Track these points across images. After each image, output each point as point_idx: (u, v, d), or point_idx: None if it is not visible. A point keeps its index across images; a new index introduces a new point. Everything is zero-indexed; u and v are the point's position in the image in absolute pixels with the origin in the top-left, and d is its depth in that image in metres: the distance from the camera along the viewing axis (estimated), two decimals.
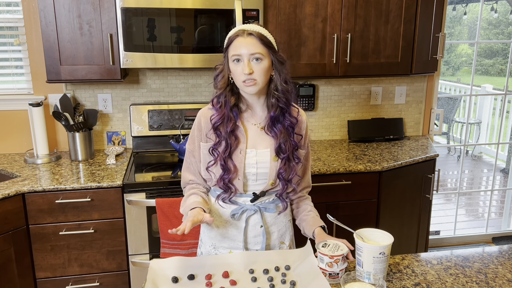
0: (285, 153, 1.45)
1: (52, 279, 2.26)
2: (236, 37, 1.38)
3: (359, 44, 2.59)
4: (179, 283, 1.32)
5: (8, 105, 2.64)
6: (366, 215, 2.52)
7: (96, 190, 2.18)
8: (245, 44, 1.36)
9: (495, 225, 4.00)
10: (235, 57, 1.38)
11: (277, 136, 1.45)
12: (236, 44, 1.38)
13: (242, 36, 1.37)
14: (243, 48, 1.36)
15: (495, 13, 9.90)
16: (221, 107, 1.43)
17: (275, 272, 1.40)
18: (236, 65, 1.39)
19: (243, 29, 1.39)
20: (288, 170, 1.47)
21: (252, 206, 1.50)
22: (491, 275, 1.40)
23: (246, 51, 1.36)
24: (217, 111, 1.44)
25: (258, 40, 1.37)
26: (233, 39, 1.39)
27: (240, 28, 1.40)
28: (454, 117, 6.66)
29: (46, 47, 2.28)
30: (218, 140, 1.44)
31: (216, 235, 1.55)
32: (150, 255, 2.31)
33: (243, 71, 1.37)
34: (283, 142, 1.45)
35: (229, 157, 1.44)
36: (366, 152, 2.74)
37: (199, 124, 1.50)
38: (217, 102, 1.45)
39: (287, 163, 1.47)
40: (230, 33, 1.42)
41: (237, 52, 1.37)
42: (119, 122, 2.78)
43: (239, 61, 1.38)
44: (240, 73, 1.38)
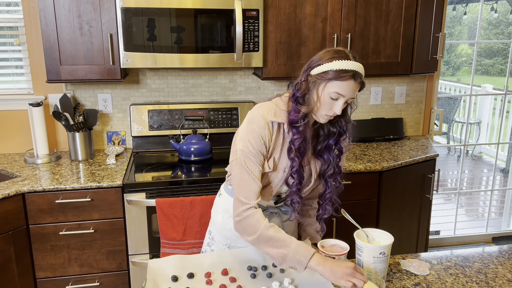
0: (330, 178, 1.47)
1: (52, 279, 2.26)
2: (350, 78, 1.29)
3: (359, 44, 2.59)
4: (179, 281, 1.33)
5: (8, 105, 2.64)
6: (366, 215, 2.53)
7: (96, 190, 2.18)
8: (354, 89, 1.31)
9: (495, 225, 4.00)
10: (337, 96, 1.31)
11: (329, 161, 1.46)
12: (346, 86, 1.30)
13: (355, 81, 1.30)
14: (350, 93, 1.31)
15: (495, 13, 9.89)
16: (302, 130, 1.37)
17: (273, 269, 1.41)
18: (331, 101, 1.32)
19: (358, 74, 1.30)
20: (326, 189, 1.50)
21: (274, 209, 1.51)
22: (491, 275, 1.40)
23: (350, 96, 1.32)
24: (297, 132, 1.36)
25: (360, 86, 1.33)
26: (345, 78, 1.29)
27: (356, 70, 1.30)
28: (454, 117, 6.66)
29: (46, 47, 2.28)
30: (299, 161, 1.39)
31: (232, 235, 1.53)
32: (150, 255, 2.31)
33: (333, 109, 1.33)
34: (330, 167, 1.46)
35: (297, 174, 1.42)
36: (366, 152, 2.74)
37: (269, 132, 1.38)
38: (296, 122, 1.36)
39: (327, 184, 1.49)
40: (342, 65, 1.29)
41: (342, 93, 1.31)
42: (119, 122, 2.78)
43: (337, 99, 1.32)
44: (329, 109, 1.34)
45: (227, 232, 1.56)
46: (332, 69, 1.30)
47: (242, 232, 1.36)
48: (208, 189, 2.28)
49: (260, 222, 1.32)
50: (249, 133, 1.37)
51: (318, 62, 1.33)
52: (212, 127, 2.75)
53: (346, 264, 1.26)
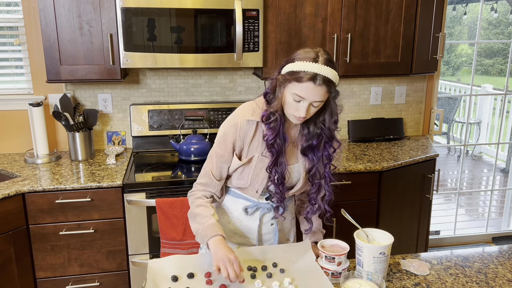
0: (319, 180, 1.48)
1: (52, 279, 2.26)
2: (308, 81, 1.27)
3: (359, 44, 2.59)
4: (179, 281, 1.33)
5: (8, 105, 2.64)
6: (366, 215, 2.52)
7: (96, 190, 2.18)
8: (314, 93, 1.28)
9: (495, 225, 4.00)
10: (298, 98, 1.31)
11: (314, 162, 1.46)
12: (304, 88, 1.28)
13: (315, 83, 1.27)
14: (310, 95, 1.29)
15: (495, 13, 9.90)
16: (273, 126, 1.37)
17: (273, 268, 1.41)
18: (294, 102, 1.32)
19: (318, 75, 1.27)
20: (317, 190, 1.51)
21: (266, 204, 1.52)
22: (491, 275, 1.40)
23: (312, 99, 1.30)
24: (269, 128, 1.38)
25: (326, 89, 1.29)
26: (303, 79, 1.27)
27: (315, 72, 1.26)
28: (454, 117, 6.66)
29: (46, 47, 2.28)
30: (273, 157, 1.40)
31: (226, 230, 1.56)
32: (150, 255, 2.31)
33: (298, 111, 1.33)
34: (318, 169, 1.47)
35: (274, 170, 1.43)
36: (366, 152, 2.74)
37: (239, 131, 1.42)
38: (267, 118, 1.38)
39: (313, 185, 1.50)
40: (301, 66, 1.28)
41: (301, 95, 1.29)
42: (119, 122, 2.78)
43: (299, 101, 1.32)
44: (294, 109, 1.34)
45: (222, 228, 1.57)
46: (292, 70, 1.30)
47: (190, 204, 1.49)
48: None
49: (195, 201, 1.46)
50: (220, 131, 1.47)
51: (287, 61, 1.34)
52: (212, 127, 2.75)
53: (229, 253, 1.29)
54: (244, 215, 1.54)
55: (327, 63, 1.28)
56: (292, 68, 1.30)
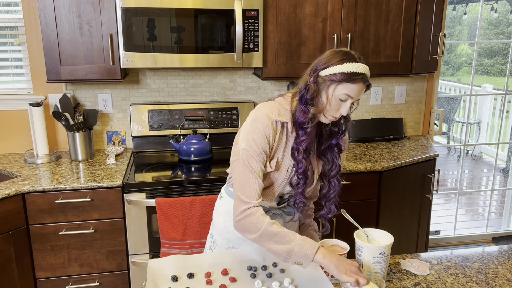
0: (333, 178, 1.48)
1: (52, 279, 2.26)
2: (360, 81, 1.30)
3: (359, 44, 2.59)
4: (179, 281, 1.33)
5: (8, 105, 2.64)
6: (366, 215, 2.52)
7: (96, 190, 2.18)
8: (361, 91, 1.33)
9: (495, 225, 4.00)
10: (346, 97, 1.32)
11: (329, 162, 1.47)
12: (356, 88, 1.31)
13: (364, 83, 1.32)
14: (357, 94, 1.32)
15: (495, 13, 9.90)
16: (310, 132, 1.37)
17: (273, 268, 1.41)
18: (339, 102, 1.33)
19: (365, 76, 1.32)
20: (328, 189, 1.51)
21: (277, 210, 1.51)
22: (491, 275, 1.40)
23: (357, 98, 1.33)
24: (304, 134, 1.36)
25: (365, 88, 1.35)
26: (356, 80, 1.29)
27: (363, 72, 1.31)
28: (454, 117, 6.66)
29: (46, 47, 2.28)
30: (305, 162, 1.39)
31: (234, 237, 1.53)
32: (150, 255, 2.31)
33: (340, 111, 1.34)
34: (334, 167, 1.47)
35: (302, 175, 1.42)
36: (366, 152, 2.74)
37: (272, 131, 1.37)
38: (305, 123, 1.36)
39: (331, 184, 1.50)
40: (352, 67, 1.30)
41: (351, 95, 1.31)
42: (119, 122, 2.78)
43: (345, 101, 1.33)
44: (336, 110, 1.34)
45: (230, 235, 1.55)
46: (343, 71, 1.30)
47: (244, 230, 1.34)
48: (208, 189, 2.28)
49: (262, 219, 1.31)
50: (253, 132, 1.35)
51: (327, 64, 1.32)
52: (212, 127, 2.75)
53: (351, 262, 1.27)
54: None
55: (363, 62, 1.33)
56: (342, 70, 1.30)
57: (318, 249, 1.27)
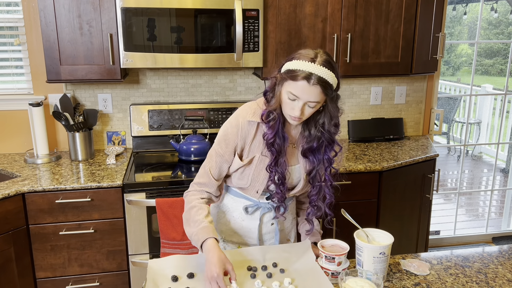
0: (319, 182, 1.48)
1: (52, 279, 2.26)
2: (302, 80, 1.27)
3: (359, 44, 2.59)
4: (179, 281, 1.33)
5: (8, 105, 2.64)
6: (366, 215, 2.52)
7: (96, 190, 2.18)
8: (308, 92, 1.28)
9: (495, 225, 4.00)
10: (292, 96, 1.31)
11: (314, 164, 1.46)
12: (299, 87, 1.28)
13: (309, 83, 1.27)
14: (304, 95, 1.29)
15: (495, 13, 9.90)
16: (272, 125, 1.38)
17: (273, 268, 1.41)
18: (289, 100, 1.33)
19: (312, 74, 1.26)
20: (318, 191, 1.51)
21: (266, 204, 1.52)
22: (491, 275, 1.40)
23: (306, 98, 1.29)
24: (268, 127, 1.38)
25: (321, 90, 1.28)
26: (297, 78, 1.27)
27: (309, 71, 1.26)
28: (454, 117, 6.66)
29: (46, 47, 2.28)
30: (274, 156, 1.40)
31: (226, 229, 1.57)
32: (150, 255, 2.31)
33: (293, 111, 1.33)
34: (318, 171, 1.46)
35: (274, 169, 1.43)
36: (366, 152, 2.74)
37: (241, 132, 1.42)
38: (266, 117, 1.38)
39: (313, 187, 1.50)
40: (297, 65, 1.28)
41: (296, 94, 1.30)
42: (119, 122, 2.78)
43: (294, 100, 1.32)
44: (290, 108, 1.34)
45: (222, 227, 1.59)
46: (288, 68, 1.32)
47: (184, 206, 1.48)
48: None
49: (190, 200, 1.45)
50: (221, 131, 1.46)
51: (287, 60, 1.35)
52: (212, 127, 2.75)
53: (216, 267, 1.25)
54: (244, 214, 1.54)
55: (324, 64, 1.28)
56: (289, 67, 1.31)
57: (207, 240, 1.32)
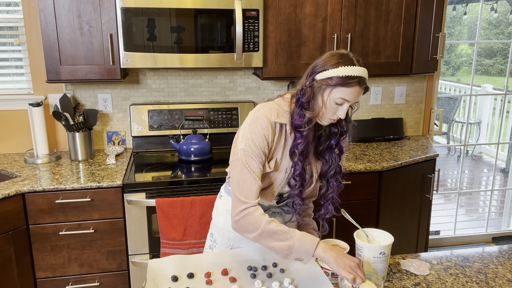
0: (332, 178, 1.47)
1: (52, 279, 2.26)
2: (356, 85, 1.29)
3: (359, 44, 2.59)
4: (179, 281, 1.33)
5: (8, 105, 2.64)
6: (366, 215, 2.53)
7: (96, 190, 2.18)
8: (358, 95, 1.32)
9: (495, 225, 4.00)
10: (342, 101, 1.31)
11: (328, 162, 1.46)
12: (352, 92, 1.29)
13: (361, 86, 1.30)
14: (355, 98, 1.31)
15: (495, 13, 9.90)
16: (306, 135, 1.37)
17: (273, 268, 1.41)
18: (336, 106, 1.32)
19: (363, 79, 1.30)
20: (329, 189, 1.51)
21: (276, 209, 1.52)
22: (491, 275, 1.40)
23: (354, 100, 1.32)
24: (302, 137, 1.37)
25: (364, 89, 1.33)
26: (351, 84, 1.28)
27: (360, 75, 1.29)
28: (454, 117, 6.66)
29: (46, 47, 2.28)
30: (301, 164, 1.39)
31: (234, 236, 1.54)
32: (150, 255, 2.31)
33: (337, 114, 1.33)
34: (332, 167, 1.47)
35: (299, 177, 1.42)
36: (366, 152, 2.74)
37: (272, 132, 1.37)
38: (301, 126, 1.36)
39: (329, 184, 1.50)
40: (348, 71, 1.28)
41: (347, 99, 1.30)
42: (119, 122, 2.78)
43: (342, 104, 1.32)
44: (333, 113, 1.34)
45: (230, 234, 1.56)
46: (338, 75, 1.29)
47: (242, 230, 1.34)
48: (208, 189, 2.28)
49: (261, 218, 1.31)
50: (252, 133, 1.36)
51: (323, 67, 1.32)
52: (212, 127, 2.75)
53: (351, 257, 1.26)
54: None
55: (362, 65, 1.32)
56: (337, 74, 1.29)
57: (318, 244, 1.27)
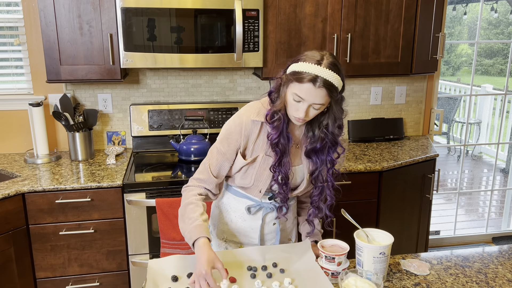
0: (322, 183, 1.48)
1: (52, 279, 2.26)
2: (308, 82, 1.27)
3: (359, 44, 2.59)
4: (179, 281, 1.33)
5: (8, 105, 2.64)
6: (366, 215, 2.52)
7: (96, 190, 2.18)
8: (313, 94, 1.28)
9: (495, 225, 4.00)
10: (298, 98, 1.31)
11: (317, 165, 1.46)
12: (304, 89, 1.29)
13: (314, 85, 1.27)
14: (309, 97, 1.29)
15: (495, 13, 9.90)
16: (277, 126, 1.37)
17: (273, 268, 1.41)
18: (294, 102, 1.33)
19: (318, 77, 1.27)
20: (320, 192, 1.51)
21: (269, 204, 1.53)
22: (491, 275, 1.40)
23: (311, 100, 1.30)
24: (272, 128, 1.38)
25: (327, 92, 1.29)
26: (303, 80, 1.28)
27: (316, 74, 1.27)
28: (454, 117, 6.66)
29: (46, 47, 2.28)
30: (278, 156, 1.40)
31: (228, 229, 1.58)
32: (150, 255, 2.31)
33: (298, 112, 1.34)
34: (321, 172, 1.47)
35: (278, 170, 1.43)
36: (366, 152, 2.74)
37: (244, 131, 1.42)
38: (271, 118, 1.38)
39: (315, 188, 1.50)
40: (303, 67, 1.28)
41: (301, 96, 1.30)
42: (119, 122, 2.78)
43: (299, 102, 1.32)
44: (295, 110, 1.34)
45: (224, 226, 1.59)
46: (293, 70, 1.32)
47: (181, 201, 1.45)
48: None
49: (189, 197, 1.42)
50: (224, 130, 1.45)
51: (293, 61, 1.35)
52: (212, 127, 2.75)
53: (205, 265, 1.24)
54: (246, 214, 1.54)
55: (330, 67, 1.28)
56: (295, 68, 1.31)
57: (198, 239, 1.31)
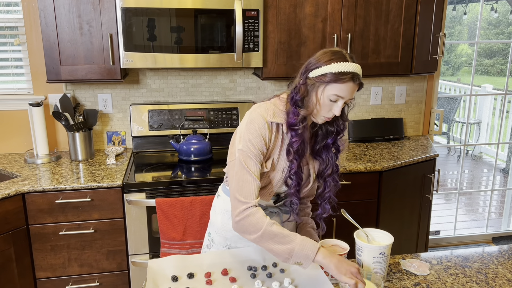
0: (329, 177, 1.48)
1: (52, 279, 2.26)
2: (349, 81, 1.29)
3: (359, 44, 2.59)
4: (179, 281, 1.33)
5: (8, 105, 2.64)
6: (366, 215, 2.52)
7: (96, 190, 2.18)
8: (352, 91, 1.32)
9: (495, 225, 4.00)
10: (336, 98, 1.31)
11: (324, 162, 1.47)
12: (345, 88, 1.30)
13: (354, 82, 1.30)
14: (349, 94, 1.31)
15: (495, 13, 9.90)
16: (301, 133, 1.36)
17: (273, 268, 1.41)
18: (330, 103, 1.33)
19: (357, 75, 1.30)
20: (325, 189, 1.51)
21: (274, 208, 1.52)
22: (491, 275, 1.40)
23: (349, 97, 1.32)
24: (296, 135, 1.36)
25: (358, 85, 1.33)
26: (344, 80, 1.29)
27: (355, 72, 1.30)
28: (454, 117, 6.66)
29: (46, 47, 2.28)
30: (297, 163, 1.39)
31: (232, 236, 1.54)
32: (150, 255, 2.31)
33: (332, 111, 1.34)
34: (329, 167, 1.47)
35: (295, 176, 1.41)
36: (366, 152, 2.74)
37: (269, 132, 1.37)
38: (296, 125, 1.36)
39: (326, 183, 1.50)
40: (340, 67, 1.29)
41: (341, 95, 1.31)
42: (119, 122, 2.78)
43: (336, 101, 1.32)
44: (328, 111, 1.34)
45: (227, 233, 1.56)
46: (330, 72, 1.29)
47: (243, 231, 1.33)
48: (208, 189, 2.28)
49: (262, 220, 1.30)
50: (249, 133, 1.36)
51: (316, 65, 1.33)
52: (212, 127, 2.75)
53: (351, 263, 1.27)
54: None
55: (355, 61, 1.32)
56: (330, 70, 1.30)
57: (319, 249, 1.27)
